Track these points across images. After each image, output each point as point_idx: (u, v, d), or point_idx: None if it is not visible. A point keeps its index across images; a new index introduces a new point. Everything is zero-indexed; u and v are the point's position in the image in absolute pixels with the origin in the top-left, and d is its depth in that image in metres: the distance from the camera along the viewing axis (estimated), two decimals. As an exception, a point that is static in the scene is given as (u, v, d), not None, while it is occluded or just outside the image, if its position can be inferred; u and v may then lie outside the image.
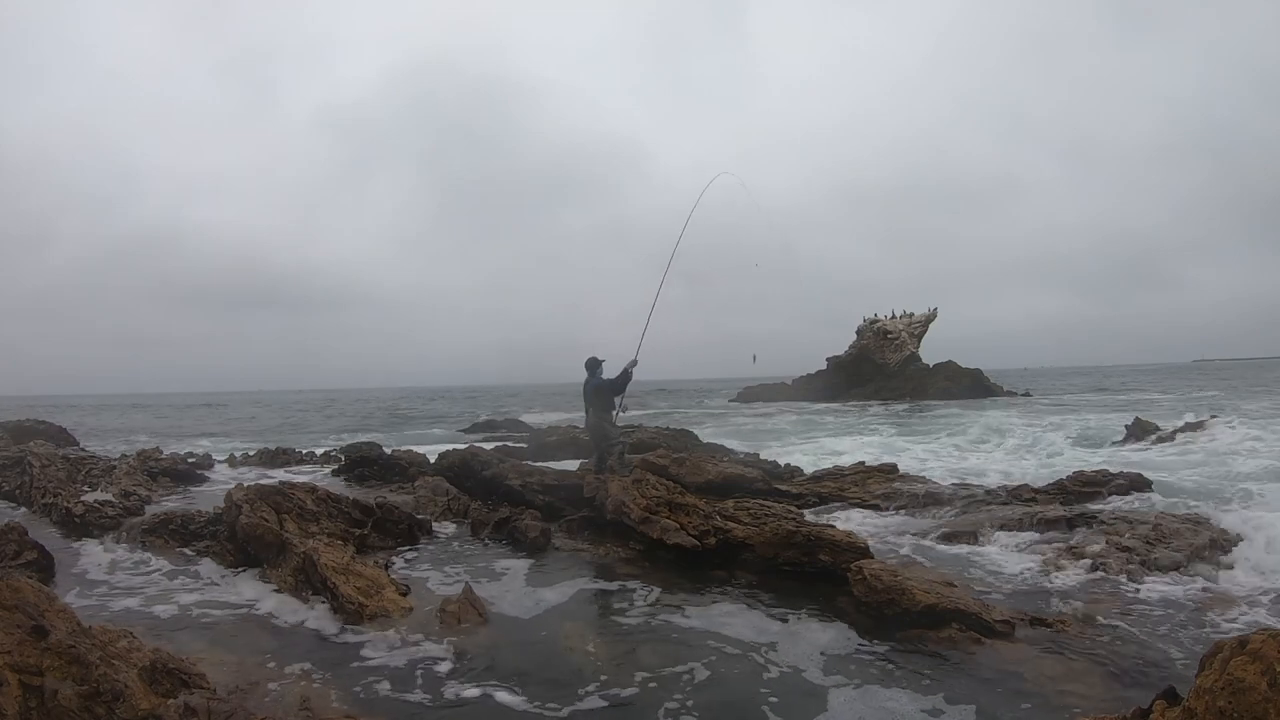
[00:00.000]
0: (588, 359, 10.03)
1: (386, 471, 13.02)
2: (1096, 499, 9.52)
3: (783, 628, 5.37)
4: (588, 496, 8.79)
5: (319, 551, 6.23)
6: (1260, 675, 2.49)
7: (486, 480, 10.18)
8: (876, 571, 5.78)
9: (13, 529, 6.89)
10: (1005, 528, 8.01)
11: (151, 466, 12.89)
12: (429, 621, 5.43)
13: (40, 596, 3.67)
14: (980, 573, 6.73)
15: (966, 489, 10.05)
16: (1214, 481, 11.42)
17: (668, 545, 7.12)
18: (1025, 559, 7.05)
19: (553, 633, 5.33)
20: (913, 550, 7.59)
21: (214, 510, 8.05)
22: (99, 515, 8.75)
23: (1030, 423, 23.58)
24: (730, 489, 9.87)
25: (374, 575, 6.09)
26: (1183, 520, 7.66)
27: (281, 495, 7.66)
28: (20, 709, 3.06)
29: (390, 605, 5.68)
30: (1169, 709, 2.74)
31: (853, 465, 12.08)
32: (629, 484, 7.97)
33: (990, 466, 14.40)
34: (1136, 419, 17.05)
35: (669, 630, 5.37)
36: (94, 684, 3.25)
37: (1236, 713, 2.48)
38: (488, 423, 27.59)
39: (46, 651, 3.30)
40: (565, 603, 6.03)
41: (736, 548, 6.99)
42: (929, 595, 5.43)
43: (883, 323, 50.03)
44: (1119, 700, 4.09)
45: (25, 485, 10.55)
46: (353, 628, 5.32)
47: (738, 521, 7.35)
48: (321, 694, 4.26)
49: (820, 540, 6.67)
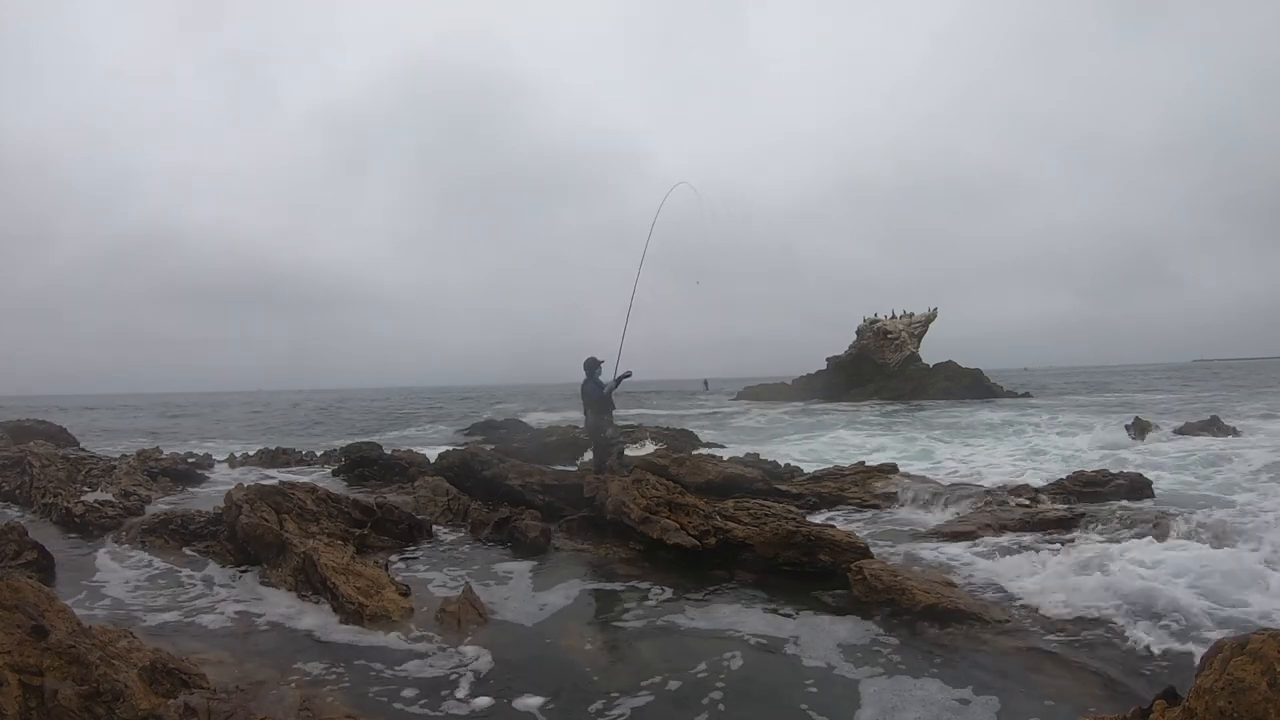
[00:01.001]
0: (587, 359, 10.03)
1: (386, 471, 13.02)
2: (1096, 499, 9.52)
3: (795, 625, 5.38)
4: (588, 496, 8.78)
5: (319, 552, 6.23)
6: (1260, 675, 2.49)
7: (486, 480, 10.17)
8: (877, 571, 5.78)
9: (13, 529, 6.89)
10: (1005, 528, 8.01)
11: (151, 466, 12.88)
12: (429, 622, 5.43)
13: (40, 596, 3.67)
14: (980, 573, 6.72)
15: (966, 489, 10.05)
16: (1214, 481, 11.43)
17: (668, 545, 7.12)
18: (1025, 559, 7.04)
19: (554, 632, 5.33)
20: (913, 550, 7.59)
21: (214, 510, 8.05)
22: (99, 515, 8.75)
23: (1030, 423, 23.57)
24: (730, 489, 9.87)
25: (374, 575, 6.09)
26: (1182, 520, 7.66)
27: (281, 495, 7.66)
28: (20, 709, 3.06)
29: (390, 606, 5.68)
30: (1169, 709, 2.74)
31: (853, 465, 12.08)
32: (629, 484, 7.97)
33: (990, 466, 14.39)
34: (1136, 419, 17.07)
35: (676, 630, 5.38)
36: (94, 684, 3.25)
37: (1236, 713, 2.48)
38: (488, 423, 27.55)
39: (46, 651, 3.30)
40: (567, 603, 6.02)
41: (736, 548, 6.99)
42: (929, 595, 5.44)
43: (883, 323, 49.99)
44: (1119, 700, 4.10)
45: (25, 485, 10.55)
46: (353, 628, 5.32)
47: (738, 521, 7.35)
48: (322, 694, 4.26)
49: (820, 540, 6.67)
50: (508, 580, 6.66)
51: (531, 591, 6.30)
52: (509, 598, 6.11)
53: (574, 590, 6.33)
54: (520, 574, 6.82)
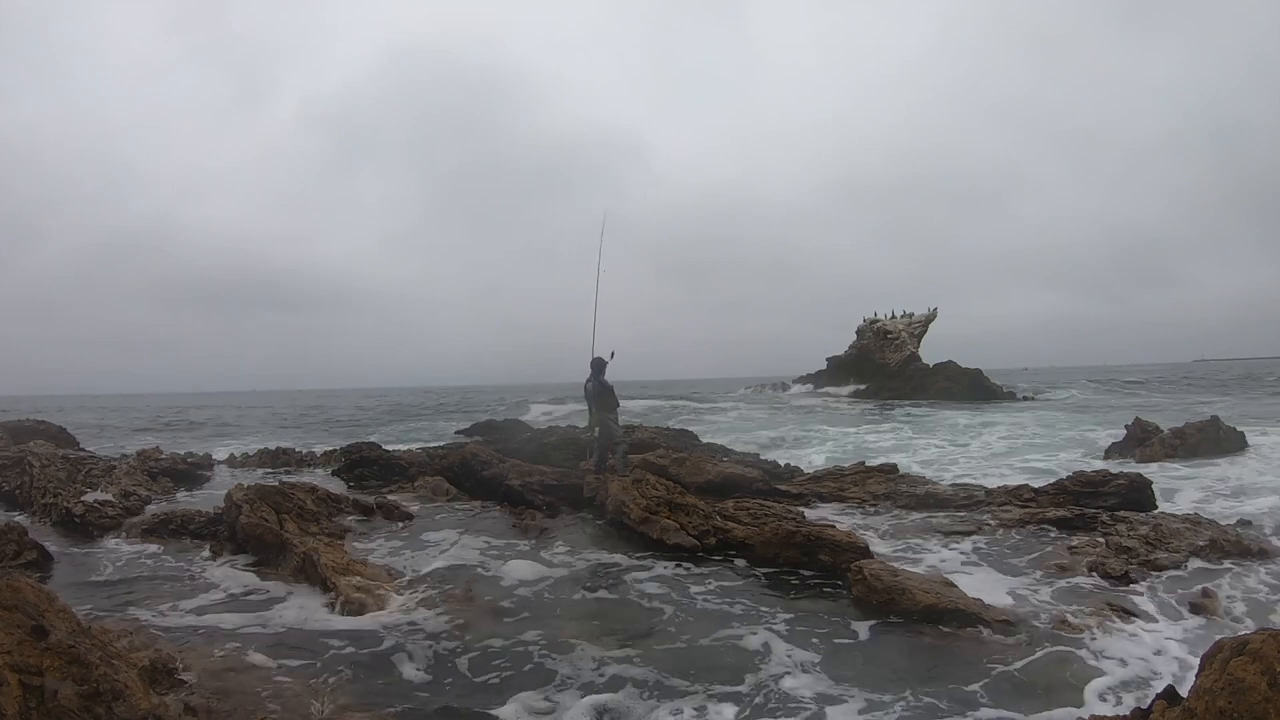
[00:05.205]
0: (594, 359, 10.02)
1: (386, 471, 13.01)
2: (1096, 499, 9.51)
3: (788, 627, 5.38)
4: (588, 496, 8.79)
5: (319, 551, 6.24)
6: (1260, 675, 2.49)
7: (486, 480, 10.17)
8: (877, 571, 5.78)
9: (13, 529, 6.90)
10: (1005, 528, 8.01)
11: (151, 467, 12.87)
12: (429, 619, 5.44)
13: (40, 596, 3.67)
14: (980, 572, 6.73)
15: (966, 489, 10.04)
16: (1213, 481, 11.42)
17: (668, 545, 7.12)
18: (1025, 559, 7.05)
19: (554, 631, 5.33)
20: (912, 550, 7.58)
21: (214, 510, 8.06)
22: (99, 515, 8.74)
23: (1030, 423, 23.58)
24: (730, 489, 9.86)
25: (373, 574, 6.10)
26: (1182, 520, 7.67)
27: (281, 495, 7.66)
28: (20, 709, 3.05)
29: (390, 604, 5.69)
30: (1169, 709, 2.74)
31: (853, 465, 12.07)
32: (629, 484, 7.97)
33: (990, 467, 14.40)
34: (1136, 419, 17.00)
35: (674, 627, 5.38)
36: (94, 684, 3.25)
37: (1237, 713, 2.48)
38: (488, 423, 27.52)
39: (46, 651, 3.30)
40: (566, 601, 6.03)
41: (736, 548, 6.99)
42: (929, 595, 5.44)
43: (883, 323, 50.00)
44: (1119, 700, 4.10)
45: (25, 485, 10.54)
46: (353, 626, 5.33)
47: (737, 521, 7.35)
48: (322, 691, 4.26)
49: (820, 540, 6.67)
50: (508, 579, 6.66)
51: (531, 590, 6.29)
52: (509, 596, 6.11)
53: (574, 589, 6.33)
54: (520, 573, 6.81)
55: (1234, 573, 6.43)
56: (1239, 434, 15.76)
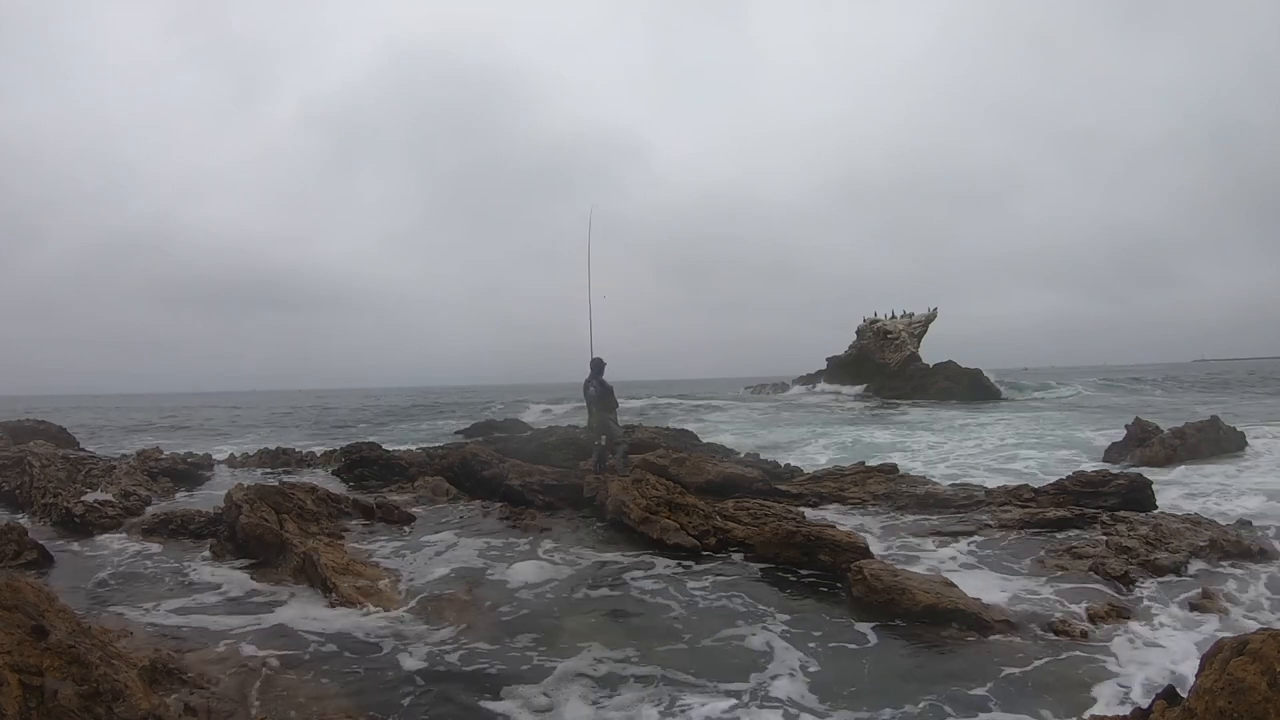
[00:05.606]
0: (594, 359, 10.01)
1: (386, 471, 13.01)
2: (1096, 500, 9.51)
3: (788, 627, 5.38)
4: (588, 496, 8.79)
5: (319, 551, 6.24)
6: (1260, 675, 2.49)
7: (486, 480, 10.18)
8: (877, 571, 5.78)
9: (13, 529, 6.90)
10: (1005, 528, 8.01)
11: (151, 467, 12.87)
12: (429, 619, 5.45)
13: (40, 596, 3.67)
14: (980, 572, 6.72)
15: (966, 489, 10.04)
16: (1213, 481, 11.42)
17: (668, 545, 7.12)
18: (1025, 560, 7.04)
19: (553, 630, 5.33)
20: (912, 550, 7.58)
21: (214, 510, 8.06)
22: (99, 515, 8.75)
23: (1029, 423, 23.58)
24: (730, 489, 9.86)
25: (373, 574, 6.10)
26: (1182, 520, 7.67)
27: (281, 495, 7.67)
28: (20, 709, 3.06)
29: (389, 604, 5.69)
30: (1169, 709, 2.74)
31: (853, 465, 12.06)
32: (629, 484, 7.97)
33: (990, 467, 14.40)
34: (1136, 419, 16.98)
35: (674, 627, 5.38)
36: (94, 684, 3.25)
37: (1237, 713, 2.48)
38: (488, 423, 27.52)
39: (46, 651, 3.30)
40: (566, 600, 6.03)
41: (737, 547, 6.99)
42: (929, 595, 5.44)
43: (883, 323, 49.98)
44: (1119, 700, 4.10)
45: (25, 485, 10.54)
46: (353, 626, 5.33)
47: (737, 521, 7.35)
48: (322, 691, 4.26)
49: (820, 540, 6.67)
50: (507, 578, 6.66)
51: (531, 589, 6.29)
52: (509, 596, 6.11)
53: (573, 589, 6.33)
54: (520, 573, 6.81)
55: (1234, 573, 6.43)
56: (1239, 434, 15.77)
